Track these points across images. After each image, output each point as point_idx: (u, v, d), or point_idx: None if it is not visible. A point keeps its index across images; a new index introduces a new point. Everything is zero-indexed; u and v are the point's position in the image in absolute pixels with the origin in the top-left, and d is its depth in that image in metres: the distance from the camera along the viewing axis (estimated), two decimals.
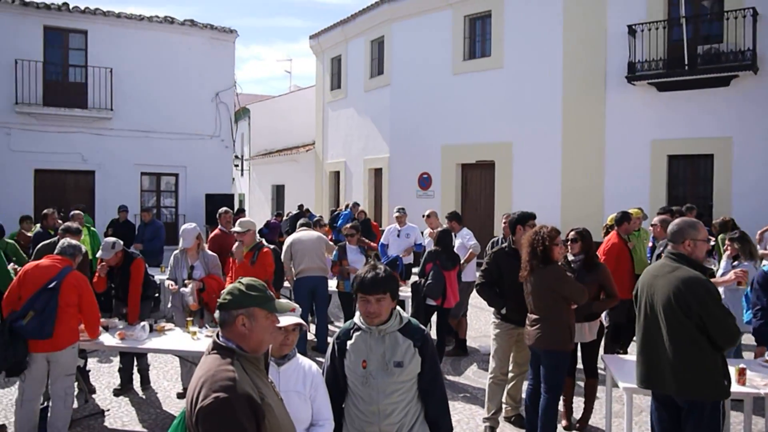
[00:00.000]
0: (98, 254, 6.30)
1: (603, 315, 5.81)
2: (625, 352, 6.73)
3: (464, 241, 8.32)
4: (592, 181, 13.63)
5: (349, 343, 3.07)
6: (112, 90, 15.61)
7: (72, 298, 4.84)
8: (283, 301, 2.61)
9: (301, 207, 17.69)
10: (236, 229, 6.87)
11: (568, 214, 13.38)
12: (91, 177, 15.98)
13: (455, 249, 7.69)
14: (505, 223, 7.12)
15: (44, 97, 15.15)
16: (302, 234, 8.16)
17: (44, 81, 15.24)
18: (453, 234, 7.75)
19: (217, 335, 2.29)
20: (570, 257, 5.45)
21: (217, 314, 2.32)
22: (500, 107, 15.09)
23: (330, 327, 9.25)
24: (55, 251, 5.09)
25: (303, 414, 3.10)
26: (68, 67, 15.76)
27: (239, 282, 2.35)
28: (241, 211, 16.47)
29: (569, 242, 5.47)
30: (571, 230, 5.49)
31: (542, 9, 14.42)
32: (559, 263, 5.06)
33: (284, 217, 18.85)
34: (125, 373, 6.64)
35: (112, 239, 6.24)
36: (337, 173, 21.06)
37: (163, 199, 17.24)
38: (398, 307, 3.09)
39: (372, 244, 8.53)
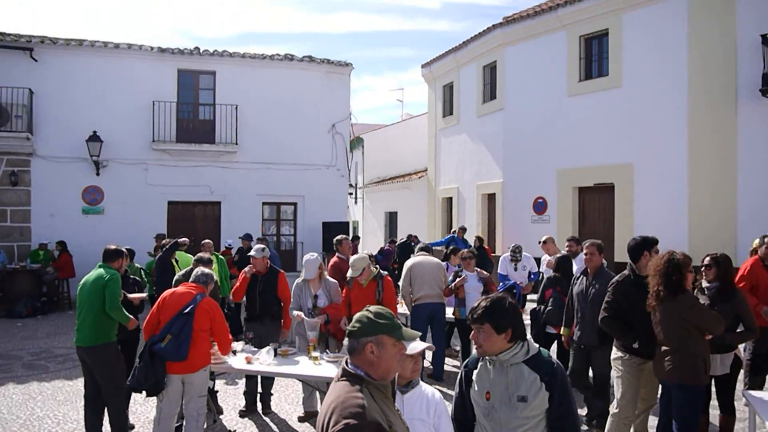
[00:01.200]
0: (250, 253, 6.84)
1: (741, 346, 5.38)
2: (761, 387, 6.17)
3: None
4: (723, 203, 12.72)
5: (475, 372, 3.03)
6: (237, 125, 16.60)
7: (205, 323, 5.15)
8: (410, 330, 2.63)
9: (409, 236, 17.78)
10: (351, 273, 6.66)
11: (697, 239, 12.54)
12: (217, 207, 17.01)
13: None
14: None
15: (177, 134, 16.40)
16: (422, 259, 8.18)
17: (177, 119, 16.50)
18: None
19: (346, 362, 2.34)
20: (705, 284, 5.11)
21: (345, 342, 2.37)
22: (619, 127, 14.51)
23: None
24: (190, 279, 5.45)
25: None
26: (198, 105, 16.96)
27: (367, 310, 2.40)
28: (356, 239, 16.83)
29: (703, 268, 5.13)
30: (707, 255, 5.15)
31: (664, 23, 13.79)
32: (693, 291, 4.75)
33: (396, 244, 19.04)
34: (250, 396, 6.91)
35: (262, 245, 6.90)
36: (450, 199, 21.04)
37: (283, 227, 17.99)
38: (529, 338, 2.97)
39: (491, 280, 8.42)
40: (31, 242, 15.35)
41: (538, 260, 10.20)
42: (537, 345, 2.96)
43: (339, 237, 8.46)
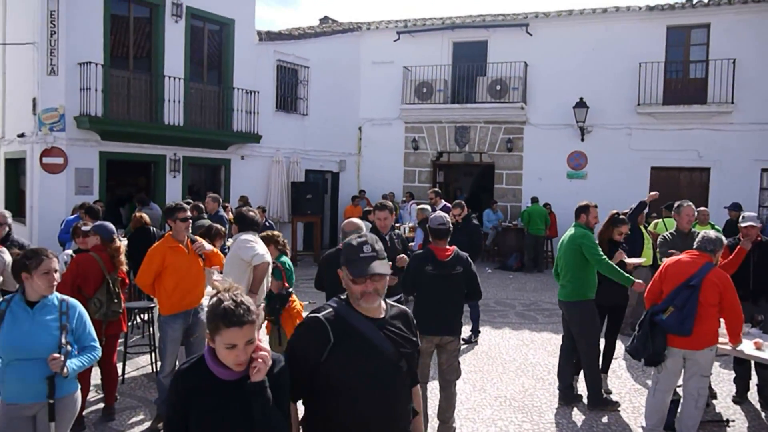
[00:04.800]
0: (741, 223, 6.21)
1: None
2: None
3: None
4: None
5: None
6: (733, 82, 14.81)
7: (713, 297, 4.68)
8: None
9: None
10: None
11: None
12: (705, 173, 15.61)
13: None
14: None
15: (664, 96, 15.58)
16: None
17: (665, 80, 15.66)
18: None
19: None
20: None
21: None
22: None
23: None
24: (694, 245, 4.99)
25: None
26: (689, 63, 15.76)
27: None
28: None
29: None
30: None
31: None
32: None
33: None
34: (742, 382, 6.27)
35: (754, 213, 6.64)
36: None
37: None
38: None
39: None
40: (521, 203, 16.84)
41: None
42: None
43: None
